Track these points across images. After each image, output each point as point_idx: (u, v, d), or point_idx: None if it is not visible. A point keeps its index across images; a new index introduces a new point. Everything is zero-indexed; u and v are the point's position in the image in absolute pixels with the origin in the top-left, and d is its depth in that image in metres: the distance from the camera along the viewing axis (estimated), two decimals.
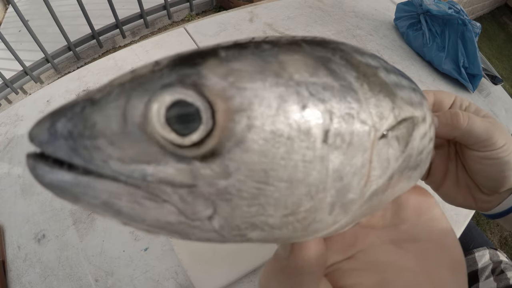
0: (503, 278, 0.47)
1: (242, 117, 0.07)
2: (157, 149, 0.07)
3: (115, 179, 0.07)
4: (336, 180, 0.09)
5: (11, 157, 0.49)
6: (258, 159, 0.07)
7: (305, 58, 0.09)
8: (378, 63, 0.11)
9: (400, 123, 0.11)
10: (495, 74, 0.67)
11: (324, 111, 0.08)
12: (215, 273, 0.38)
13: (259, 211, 0.08)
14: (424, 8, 0.68)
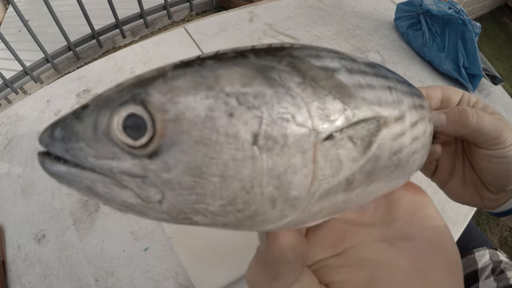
0: (503, 278, 0.47)
1: (175, 125, 0.09)
2: (118, 149, 0.10)
3: (92, 170, 0.10)
4: (272, 177, 0.10)
5: (11, 157, 0.49)
6: (191, 158, 0.09)
7: (243, 70, 0.10)
8: (340, 65, 0.12)
9: (356, 124, 0.11)
10: (495, 74, 0.67)
11: (252, 117, 0.09)
12: (215, 273, 0.38)
13: (199, 200, 0.10)
14: (424, 8, 0.68)
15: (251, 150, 0.09)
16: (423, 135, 0.16)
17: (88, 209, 0.44)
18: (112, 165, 0.10)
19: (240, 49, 0.11)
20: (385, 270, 0.15)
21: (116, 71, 0.61)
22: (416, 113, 0.15)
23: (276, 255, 0.13)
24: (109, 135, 0.10)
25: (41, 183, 0.46)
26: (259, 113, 0.09)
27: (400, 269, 0.15)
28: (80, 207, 0.44)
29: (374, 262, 0.16)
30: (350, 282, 0.15)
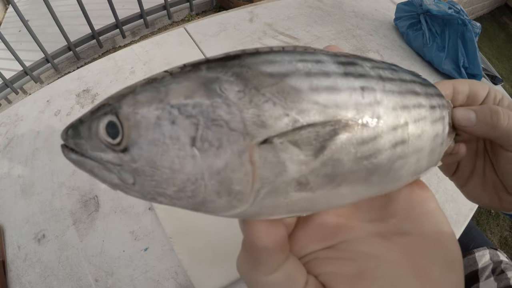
0: (503, 278, 0.47)
1: (135, 130, 0.12)
2: (103, 145, 0.13)
3: (91, 159, 0.13)
4: (212, 173, 0.12)
5: (11, 157, 0.49)
6: (148, 154, 0.12)
7: (189, 83, 0.12)
8: (296, 68, 0.12)
9: (300, 128, 0.11)
10: (495, 74, 0.67)
11: (190, 124, 0.11)
12: (215, 273, 0.38)
13: (158, 185, 0.12)
14: (424, 8, 0.69)
15: (191, 150, 0.11)
16: (418, 138, 0.15)
17: (88, 209, 0.44)
18: (101, 156, 0.13)
19: (199, 61, 0.13)
20: (377, 263, 0.15)
21: (116, 71, 0.61)
22: (408, 113, 0.14)
23: (252, 241, 0.14)
24: (98, 135, 0.13)
25: (41, 183, 0.46)
26: (195, 120, 0.11)
27: (393, 263, 0.15)
28: (80, 207, 0.44)
29: (366, 256, 0.16)
30: (338, 274, 0.15)
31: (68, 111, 0.55)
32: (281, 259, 0.15)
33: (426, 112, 0.15)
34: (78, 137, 0.14)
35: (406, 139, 0.14)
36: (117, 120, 0.12)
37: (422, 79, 0.17)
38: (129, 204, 0.44)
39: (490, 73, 0.68)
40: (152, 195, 0.13)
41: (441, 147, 0.17)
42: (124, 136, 0.12)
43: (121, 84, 0.59)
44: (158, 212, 0.42)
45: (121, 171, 0.13)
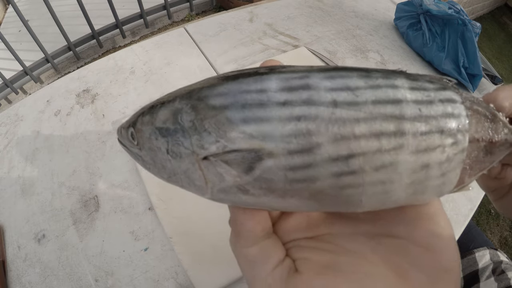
0: (503, 278, 0.47)
1: (140, 139, 0.18)
2: (131, 143, 0.18)
3: (129, 150, 0.19)
4: (182, 172, 0.16)
5: (11, 157, 0.49)
6: (149, 154, 0.17)
7: (166, 113, 0.16)
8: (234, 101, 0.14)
9: (228, 152, 0.14)
10: (495, 74, 0.67)
11: (164, 141, 0.16)
12: (215, 273, 0.38)
13: (156, 170, 0.18)
14: (424, 8, 0.68)
15: (167, 156, 0.16)
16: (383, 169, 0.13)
17: (88, 209, 0.44)
18: (132, 150, 0.19)
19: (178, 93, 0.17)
20: (354, 259, 0.15)
21: (116, 71, 0.61)
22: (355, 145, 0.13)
23: (233, 219, 0.17)
24: (128, 138, 0.19)
25: (41, 183, 0.46)
26: (167, 139, 0.16)
27: (372, 262, 0.15)
28: (80, 207, 0.44)
29: (345, 251, 0.16)
30: (311, 261, 0.16)
31: (68, 111, 0.55)
32: (258, 236, 0.17)
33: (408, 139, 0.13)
34: (122, 137, 0.20)
35: (357, 171, 0.13)
36: (134, 131, 0.18)
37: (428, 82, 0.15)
38: (129, 204, 0.44)
39: (490, 73, 0.68)
40: (160, 176, 0.18)
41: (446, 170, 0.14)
42: (137, 141, 0.18)
43: (121, 84, 0.59)
44: (158, 212, 0.42)
45: (142, 160, 0.18)
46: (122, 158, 0.49)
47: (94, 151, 0.49)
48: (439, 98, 0.14)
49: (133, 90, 0.58)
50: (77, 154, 0.49)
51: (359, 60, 0.68)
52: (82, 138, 0.51)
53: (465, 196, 0.50)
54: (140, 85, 0.59)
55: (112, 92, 0.57)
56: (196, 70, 0.62)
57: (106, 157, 0.49)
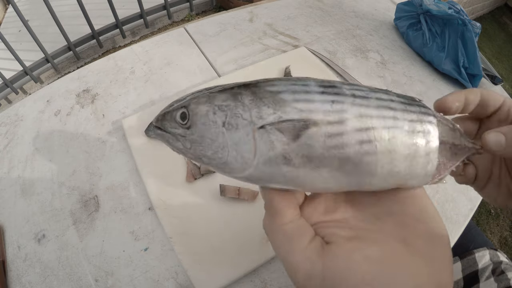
0: (503, 278, 0.47)
1: (195, 116, 0.20)
2: (177, 125, 0.21)
3: (168, 132, 0.21)
4: (233, 144, 0.19)
5: (11, 157, 0.49)
6: (200, 130, 0.20)
7: (227, 94, 0.20)
8: (287, 89, 0.19)
9: (282, 121, 0.18)
10: (495, 74, 0.67)
11: (223, 114, 0.19)
12: (215, 273, 0.38)
13: (203, 149, 0.20)
14: (424, 8, 0.68)
15: (222, 129, 0.19)
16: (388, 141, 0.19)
17: (88, 209, 0.44)
18: (175, 131, 0.21)
19: (234, 84, 0.20)
20: (372, 232, 0.20)
21: (116, 71, 0.61)
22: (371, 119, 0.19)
23: (270, 200, 0.20)
24: (175, 119, 0.21)
25: (41, 183, 0.46)
26: (226, 113, 0.19)
27: (386, 234, 0.19)
28: (80, 207, 0.44)
29: (361, 229, 0.20)
30: (338, 235, 0.20)
31: (68, 111, 0.55)
32: (292, 215, 0.20)
33: (400, 121, 0.19)
34: (164, 120, 0.22)
35: (372, 139, 0.18)
36: (186, 111, 0.21)
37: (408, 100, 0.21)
38: (129, 204, 0.44)
39: (490, 73, 0.68)
40: (199, 156, 0.20)
41: (427, 158, 0.20)
42: (189, 120, 0.20)
43: (121, 84, 0.59)
44: (158, 212, 0.42)
45: (185, 141, 0.21)
46: (122, 158, 0.49)
47: (94, 151, 0.49)
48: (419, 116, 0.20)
49: (133, 90, 0.58)
50: (77, 154, 0.49)
51: (359, 60, 0.68)
52: (82, 138, 0.51)
53: (465, 196, 0.50)
54: (140, 85, 0.59)
55: (112, 92, 0.57)
56: (196, 70, 0.62)
57: (106, 157, 0.49)
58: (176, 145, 0.21)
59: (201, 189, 0.44)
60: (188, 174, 0.45)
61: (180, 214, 0.42)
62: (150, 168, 0.46)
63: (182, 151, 0.21)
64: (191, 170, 0.45)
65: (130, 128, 0.50)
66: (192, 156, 0.21)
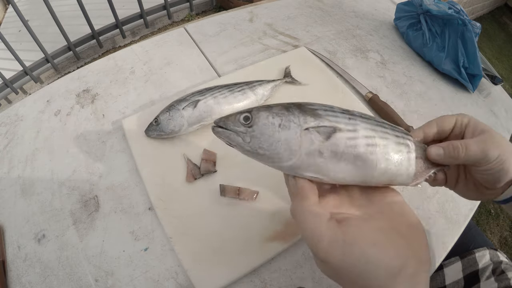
0: (503, 278, 0.47)
1: (257, 118, 0.27)
2: (240, 124, 0.28)
3: (230, 130, 0.28)
4: (285, 139, 0.26)
5: (11, 157, 0.49)
6: (261, 129, 0.27)
7: (281, 107, 0.28)
8: (320, 108, 0.28)
9: (320, 126, 0.27)
10: (495, 74, 0.67)
11: (279, 119, 0.27)
12: (215, 273, 0.38)
13: (261, 142, 0.27)
14: (424, 8, 0.68)
15: (278, 129, 0.26)
16: (383, 146, 0.28)
17: (88, 209, 0.44)
18: (237, 129, 0.27)
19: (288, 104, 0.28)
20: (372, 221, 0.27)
21: (116, 71, 0.61)
22: (375, 133, 0.28)
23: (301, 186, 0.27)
24: (239, 120, 0.27)
25: (41, 183, 0.46)
26: (281, 118, 0.27)
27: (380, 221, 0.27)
28: (80, 207, 0.44)
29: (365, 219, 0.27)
30: (347, 218, 0.27)
31: (68, 111, 0.55)
32: (316, 200, 0.27)
33: (390, 136, 0.28)
34: (227, 120, 0.28)
35: (374, 144, 0.27)
36: (250, 115, 0.28)
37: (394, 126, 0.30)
38: (129, 204, 0.44)
39: (490, 73, 0.68)
40: (256, 147, 0.27)
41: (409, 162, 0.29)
42: (252, 120, 0.27)
43: (121, 84, 0.59)
44: (158, 212, 0.42)
45: (245, 136, 0.27)
46: (122, 158, 0.49)
47: (94, 151, 0.49)
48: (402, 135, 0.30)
49: (133, 90, 0.58)
50: (77, 154, 0.49)
51: (359, 60, 0.68)
52: (82, 138, 0.51)
53: None
54: (140, 85, 0.59)
55: (112, 92, 0.57)
56: (196, 70, 0.62)
57: (106, 157, 0.49)
58: (236, 139, 0.28)
59: (201, 189, 0.44)
60: (188, 174, 0.45)
61: (180, 214, 0.42)
62: (150, 168, 0.46)
63: (240, 144, 0.28)
64: (191, 170, 0.45)
65: (130, 128, 0.50)
66: (249, 148, 0.27)
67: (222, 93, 0.50)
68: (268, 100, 0.54)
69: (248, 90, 0.51)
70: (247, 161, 0.47)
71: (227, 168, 0.46)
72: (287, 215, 0.42)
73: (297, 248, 0.42)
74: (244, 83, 0.53)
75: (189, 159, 0.46)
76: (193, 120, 0.48)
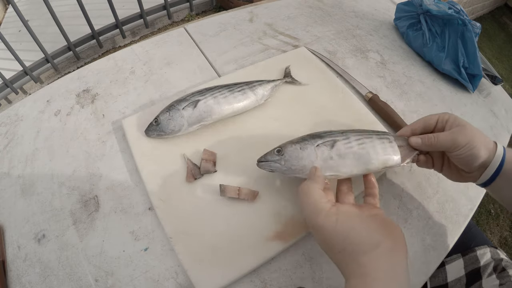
0: (505, 275, 0.48)
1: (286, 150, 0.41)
2: (276, 155, 0.41)
3: (269, 161, 0.42)
4: (307, 156, 0.40)
5: (11, 157, 0.49)
6: (290, 155, 0.41)
7: (297, 140, 0.42)
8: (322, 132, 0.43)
9: (325, 142, 0.41)
10: (495, 74, 0.67)
11: (298, 146, 0.41)
12: (215, 273, 0.38)
13: (291, 162, 0.40)
14: (424, 8, 0.68)
15: (300, 151, 0.41)
16: (370, 142, 0.41)
17: (88, 209, 0.44)
18: (273, 158, 0.41)
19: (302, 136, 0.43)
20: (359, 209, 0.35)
21: (116, 71, 0.61)
22: (360, 136, 0.42)
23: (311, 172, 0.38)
24: (273, 153, 0.41)
25: (41, 183, 0.46)
26: (300, 145, 0.41)
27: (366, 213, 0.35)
28: (80, 207, 0.44)
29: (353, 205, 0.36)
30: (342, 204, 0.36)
31: (68, 111, 0.55)
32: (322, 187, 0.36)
33: (373, 136, 0.42)
34: (266, 155, 0.41)
35: (363, 143, 0.41)
36: (281, 149, 0.41)
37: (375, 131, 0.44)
38: (129, 204, 0.44)
39: (490, 73, 0.68)
40: (290, 166, 0.40)
41: (393, 150, 0.42)
42: (283, 151, 0.41)
43: (121, 84, 0.59)
44: (158, 212, 0.42)
45: (280, 161, 0.40)
46: (122, 158, 0.49)
47: (94, 151, 0.49)
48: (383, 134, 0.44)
49: (133, 90, 0.58)
50: (77, 154, 0.49)
51: (359, 60, 0.68)
52: (82, 138, 0.51)
53: (465, 196, 0.50)
54: (140, 85, 0.59)
55: (112, 92, 0.57)
56: (196, 70, 0.62)
57: (106, 157, 0.49)
58: (275, 165, 0.40)
59: (201, 189, 0.44)
60: (188, 174, 0.45)
61: (180, 214, 0.42)
62: (150, 168, 0.46)
63: (278, 168, 0.40)
64: (191, 170, 0.45)
65: (130, 128, 0.50)
66: (285, 168, 0.40)
67: (222, 93, 0.50)
68: (268, 100, 0.54)
69: (248, 90, 0.52)
70: (247, 161, 0.47)
71: (227, 168, 0.46)
72: (287, 215, 0.42)
73: (297, 248, 0.42)
74: (244, 83, 0.53)
75: (189, 159, 0.46)
76: (193, 120, 0.48)
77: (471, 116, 0.62)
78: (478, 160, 0.38)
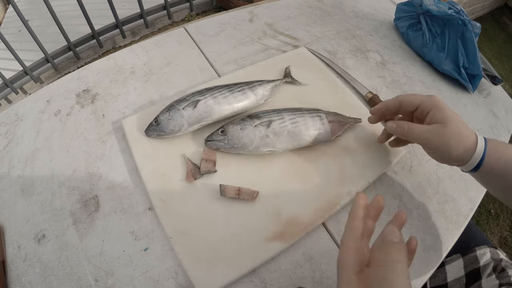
0: (504, 276, 0.48)
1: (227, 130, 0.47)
2: (219, 135, 0.46)
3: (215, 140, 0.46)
4: (246, 134, 0.46)
5: (11, 157, 0.49)
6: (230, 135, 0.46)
7: (239, 119, 0.48)
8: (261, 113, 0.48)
9: (262, 122, 0.47)
10: (495, 74, 0.67)
11: (239, 127, 0.47)
12: (215, 273, 0.38)
13: (233, 140, 0.45)
14: (424, 8, 0.69)
15: (240, 131, 0.45)
16: (302, 120, 0.47)
17: (88, 209, 0.44)
18: (218, 138, 0.45)
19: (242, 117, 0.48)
20: None
21: (116, 71, 0.61)
22: (293, 115, 0.47)
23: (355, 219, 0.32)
24: (218, 133, 0.46)
25: (41, 183, 0.46)
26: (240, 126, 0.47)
27: None
28: (80, 207, 0.44)
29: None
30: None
31: (68, 111, 0.55)
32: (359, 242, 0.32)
33: (305, 114, 0.48)
34: (212, 136, 0.46)
35: (296, 121, 0.47)
36: (224, 129, 0.45)
37: (309, 108, 0.50)
38: (129, 204, 0.44)
39: (490, 73, 0.68)
40: (232, 144, 0.45)
41: (324, 126, 0.47)
42: (226, 131, 0.45)
43: (121, 84, 0.59)
44: (158, 212, 0.42)
45: (224, 140, 0.45)
46: (122, 158, 0.49)
47: (94, 151, 0.49)
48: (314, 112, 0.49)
49: (133, 90, 0.58)
50: (77, 154, 0.49)
51: (359, 60, 0.68)
52: (82, 138, 0.51)
53: (465, 196, 0.50)
54: (140, 85, 0.59)
55: (112, 92, 0.57)
56: (196, 70, 0.62)
57: (106, 157, 0.49)
58: (219, 144, 0.45)
59: (201, 189, 0.44)
60: (188, 174, 0.45)
61: (180, 214, 0.42)
62: (150, 168, 0.46)
63: (223, 146, 0.45)
64: (191, 170, 0.45)
65: (130, 128, 0.50)
66: (229, 146, 0.44)
67: (222, 93, 0.50)
68: (268, 100, 0.54)
69: (248, 90, 0.52)
70: (247, 161, 0.47)
71: (227, 168, 0.46)
72: (287, 215, 0.42)
73: (297, 248, 0.42)
74: (244, 83, 0.53)
75: (189, 159, 0.46)
76: (193, 120, 0.48)
77: (471, 116, 0.62)
78: (452, 159, 0.38)
